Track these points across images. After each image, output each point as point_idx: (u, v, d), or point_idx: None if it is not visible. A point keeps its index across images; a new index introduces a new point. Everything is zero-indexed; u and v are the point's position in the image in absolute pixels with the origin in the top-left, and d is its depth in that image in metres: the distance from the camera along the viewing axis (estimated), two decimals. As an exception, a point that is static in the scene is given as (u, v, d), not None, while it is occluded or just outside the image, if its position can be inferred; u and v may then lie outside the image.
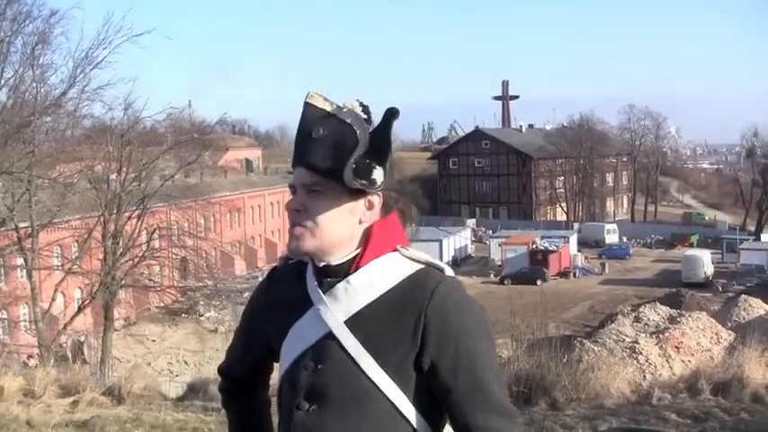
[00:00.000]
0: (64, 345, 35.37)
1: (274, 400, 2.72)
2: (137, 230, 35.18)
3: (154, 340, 48.73)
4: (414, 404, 2.39)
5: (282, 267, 2.66)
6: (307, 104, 2.44)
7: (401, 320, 2.37)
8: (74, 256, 36.29)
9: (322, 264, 2.46)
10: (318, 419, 2.40)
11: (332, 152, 2.35)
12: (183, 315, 52.23)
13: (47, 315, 33.04)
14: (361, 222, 2.45)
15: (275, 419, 2.72)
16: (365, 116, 2.40)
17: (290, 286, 2.56)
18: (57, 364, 13.52)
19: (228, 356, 2.85)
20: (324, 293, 2.44)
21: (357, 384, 2.37)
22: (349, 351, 2.38)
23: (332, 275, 2.45)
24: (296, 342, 2.47)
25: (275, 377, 2.76)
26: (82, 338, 37.38)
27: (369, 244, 2.45)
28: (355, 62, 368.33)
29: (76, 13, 78.55)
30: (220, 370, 2.87)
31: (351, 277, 2.43)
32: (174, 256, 39.10)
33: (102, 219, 33.61)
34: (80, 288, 38.48)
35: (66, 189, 32.49)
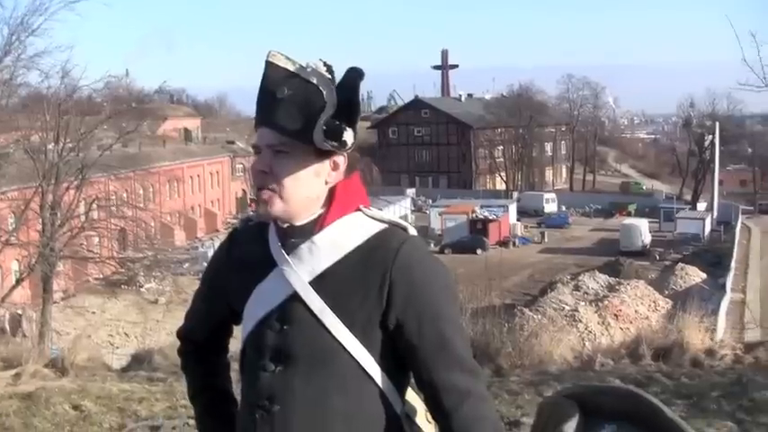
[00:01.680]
0: (1, 318, 34.96)
1: (234, 365, 2.72)
2: (75, 201, 34.68)
3: (94, 312, 48.32)
4: (379, 363, 2.41)
5: (243, 228, 2.66)
6: (268, 64, 2.40)
7: (366, 280, 2.38)
8: (11, 228, 35.77)
9: (285, 225, 2.46)
10: (284, 380, 2.40)
11: (299, 113, 2.33)
12: (122, 286, 51.79)
13: (-17, 288, 32.61)
14: (326, 183, 2.45)
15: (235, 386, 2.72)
16: (329, 76, 2.38)
17: (252, 247, 2.54)
18: (-4, 337, 13.38)
19: (188, 319, 2.83)
20: (288, 254, 2.44)
21: (323, 344, 2.38)
22: (314, 311, 2.39)
23: (295, 236, 2.45)
24: (260, 303, 2.47)
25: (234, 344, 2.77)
26: (20, 311, 36.96)
27: (332, 204, 2.46)
28: (293, 29, 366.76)
29: (10, -20, 77.66)
30: (179, 333, 2.85)
31: (315, 237, 2.43)
32: (113, 227, 38.64)
33: (39, 189, 33.07)
34: (17, 260, 37.90)
35: (2, 159, 31.98)
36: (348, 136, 2.35)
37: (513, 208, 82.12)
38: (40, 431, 8.09)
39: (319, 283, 2.40)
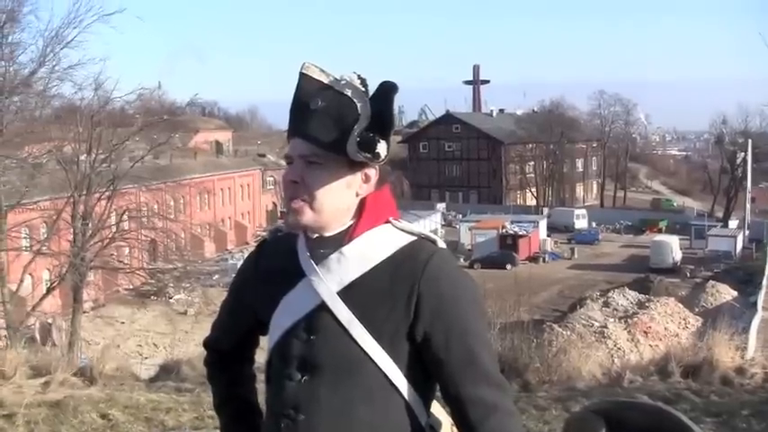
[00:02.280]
0: (32, 326, 35.12)
1: (259, 376, 2.72)
2: (106, 212, 34.91)
3: (123, 322, 48.52)
4: (405, 375, 2.40)
5: (272, 239, 2.66)
6: (302, 75, 2.42)
7: (394, 291, 2.38)
8: (42, 238, 36.00)
9: (315, 235, 2.47)
10: (310, 390, 2.40)
11: (333, 125, 2.34)
12: (152, 297, 52.06)
13: (15, 296, 32.75)
14: (357, 195, 2.46)
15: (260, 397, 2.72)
16: (363, 89, 2.39)
17: (280, 258, 2.55)
18: (26, 346, 13.42)
19: (214, 330, 2.85)
20: (316, 264, 2.44)
21: (349, 354, 2.38)
22: (342, 322, 2.39)
23: (325, 246, 2.45)
24: (287, 313, 2.47)
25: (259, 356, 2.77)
26: (50, 320, 37.15)
27: (362, 215, 2.46)
28: (326, 45, 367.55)
29: (46, -8, 78.44)
30: (206, 343, 2.87)
31: (344, 248, 2.44)
32: (143, 238, 38.84)
33: (71, 200, 33.31)
34: (48, 270, 38.10)
35: (35, 169, 32.20)
36: (381, 148, 2.37)
37: (543, 224, 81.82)
38: (68, 439, 8.13)
39: (347, 293, 2.40)
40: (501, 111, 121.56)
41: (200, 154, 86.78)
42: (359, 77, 2.41)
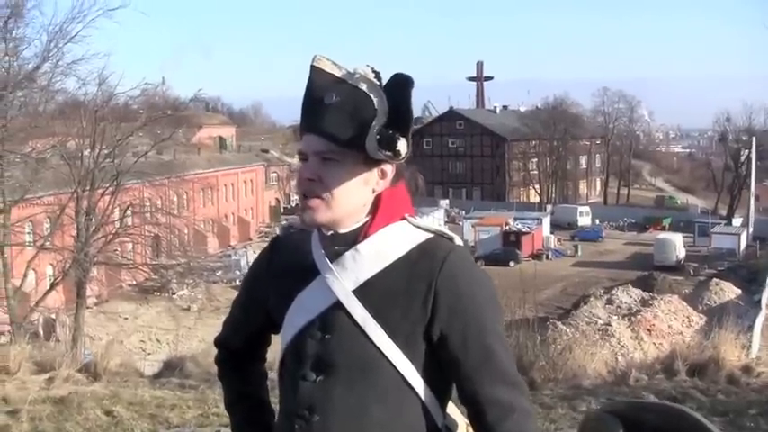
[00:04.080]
0: (36, 322, 35.16)
1: (271, 375, 2.69)
2: (110, 207, 34.96)
3: (126, 318, 48.66)
4: (421, 375, 2.36)
5: (285, 236, 2.62)
6: (314, 69, 2.36)
7: (411, 290, 2.33)
8: (46, 233, 36.05)
9: (330, 232, 2.42)
10: (325, 389, 2.36)
11: (349, 120, 2.28)
12: (155, 293, 52.18)
13: (18, 292, 32.78)
14: (373, 192, 2.41)
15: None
16: (378, 83, 2.34)
17: (294, 255, 2.51)
18: (30, 342, 13.40)
19: (225, 327, 2.80)
20: (331, 262, 2.40)
21: (364, 354, 2.34)
22: (357, 321, 2.35)
23: (339, 244, 2.41)
24: (302, 311, 2.43)
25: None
26: (54, 316, 37.20)
27: (378, 212, 2.42)
28: (328, 39, 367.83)
29: (50, -13, 78.50)
30: (217, 341, 2.82)
31: (359, 246, 2.39)
32: (147, 234, 38.89)
33: (75, 195, 33.35)
34: (52, 265, 38.18)
35: (39, 165, 32.18)
36: (402, 146, 2.32)
37: (546, 221, 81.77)
38: (72, 436, 8.11)
39: (363, 291, 2.36)
40: (504, 107, 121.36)
41: (204, 150, 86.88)
42: (373, 71, 2.36)
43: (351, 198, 2.37)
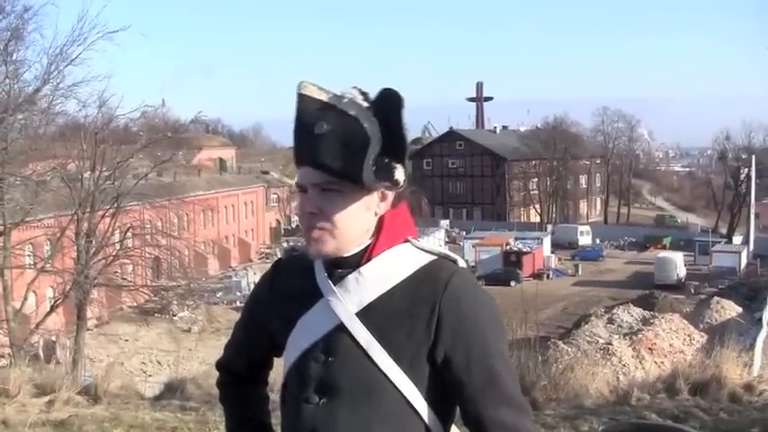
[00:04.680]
0: (36, 344, 35.07)
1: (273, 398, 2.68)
2: (110, 229, 34.91)
3: (127, 340, 48.52)
4: (425, 398, 2.35)
5: (288, 259, 2.61)
6: (301, 96, 2.32)
7: (414, 313, 2.32)
8: (46, 255, 36.00)
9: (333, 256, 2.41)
10: (328, 413, 2.35)
11: (342, 151, 2.25)
12: (155, 315, 52.01)
13: (19, 314, 32.72)
14: (375, 215, 2.40)
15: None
16: (367, 104, 2.29)
17: (296, 278, 2.50)
18: (30, 364, 13.35)
19: (227, 350, 2.79)
20: (334, 285, 2.39)
21: (368, 377, 2.33)
22: (361, 344, 2.33)
23: (343, 267, 2.39)
24: (305, 334, 2.42)
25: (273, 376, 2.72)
26: (54, 338, 37.11)
27: (380, 234, 2.40)
28: (328, 62, 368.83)
29: (51, 10, 78.34)
30: (218, 364, 2.81)
31: (362, 268, 2.38)
32: (147, 256, 38.82)
33: (75, 217, 33.31)
34: (52, 287, 38.14)
35: (39, 187, 32.15)
36: (399, 174, 2.30)
37: (547, 240, 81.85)
38: (74, 459, 8.09)
39: (366, 314, 2.35)
40: (504, 127, 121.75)
41: (204, 171, 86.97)
42: (360, 92, 2.32)
43: (354, 225, 2.35)
